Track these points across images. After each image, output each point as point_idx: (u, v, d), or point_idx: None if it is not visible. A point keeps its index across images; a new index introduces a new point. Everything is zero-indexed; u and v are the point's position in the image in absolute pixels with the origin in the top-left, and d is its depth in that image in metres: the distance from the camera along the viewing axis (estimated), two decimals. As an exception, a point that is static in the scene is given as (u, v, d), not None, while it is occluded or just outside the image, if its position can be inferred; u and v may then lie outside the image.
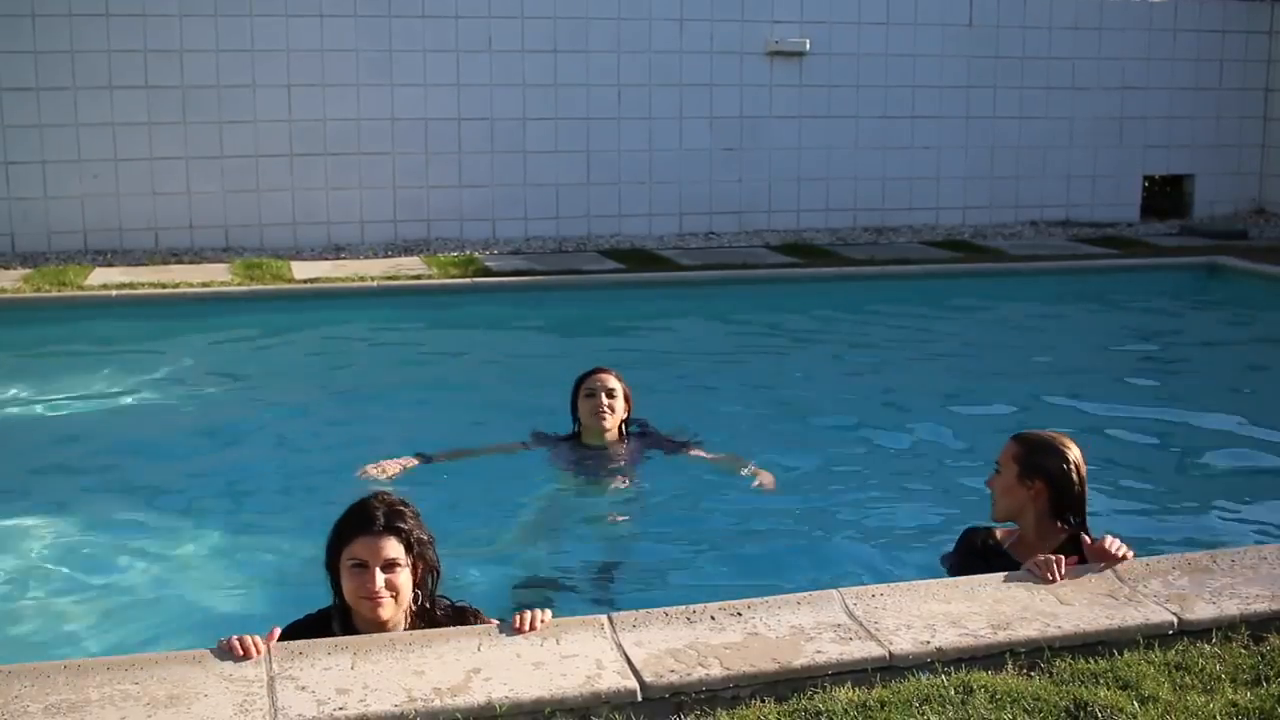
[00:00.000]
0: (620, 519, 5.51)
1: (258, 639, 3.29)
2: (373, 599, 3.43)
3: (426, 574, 3.55)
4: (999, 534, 4.37)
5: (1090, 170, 14.12)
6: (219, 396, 7.77)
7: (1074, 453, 4.17)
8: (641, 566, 5.03)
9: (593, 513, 5.52)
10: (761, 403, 7.48)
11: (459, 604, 3.66)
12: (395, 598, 3.46)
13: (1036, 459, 4.15)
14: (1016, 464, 4.17)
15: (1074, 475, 4.14)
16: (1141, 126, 14.20)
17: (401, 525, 3.47)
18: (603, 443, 5.71)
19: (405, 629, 3.51)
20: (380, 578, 3.43)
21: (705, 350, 9.20)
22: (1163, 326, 10.26)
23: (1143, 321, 10.40)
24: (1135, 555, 3.96)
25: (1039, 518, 4.18)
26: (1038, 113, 13.81)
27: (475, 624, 3.55)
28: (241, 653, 3.25)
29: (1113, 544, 3.95)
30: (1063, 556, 3.90)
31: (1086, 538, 4.10)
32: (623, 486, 5.66)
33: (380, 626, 3.48)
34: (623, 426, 5.77)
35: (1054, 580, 3.80)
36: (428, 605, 3.58)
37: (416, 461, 5.70)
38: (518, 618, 3.45)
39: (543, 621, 3.44)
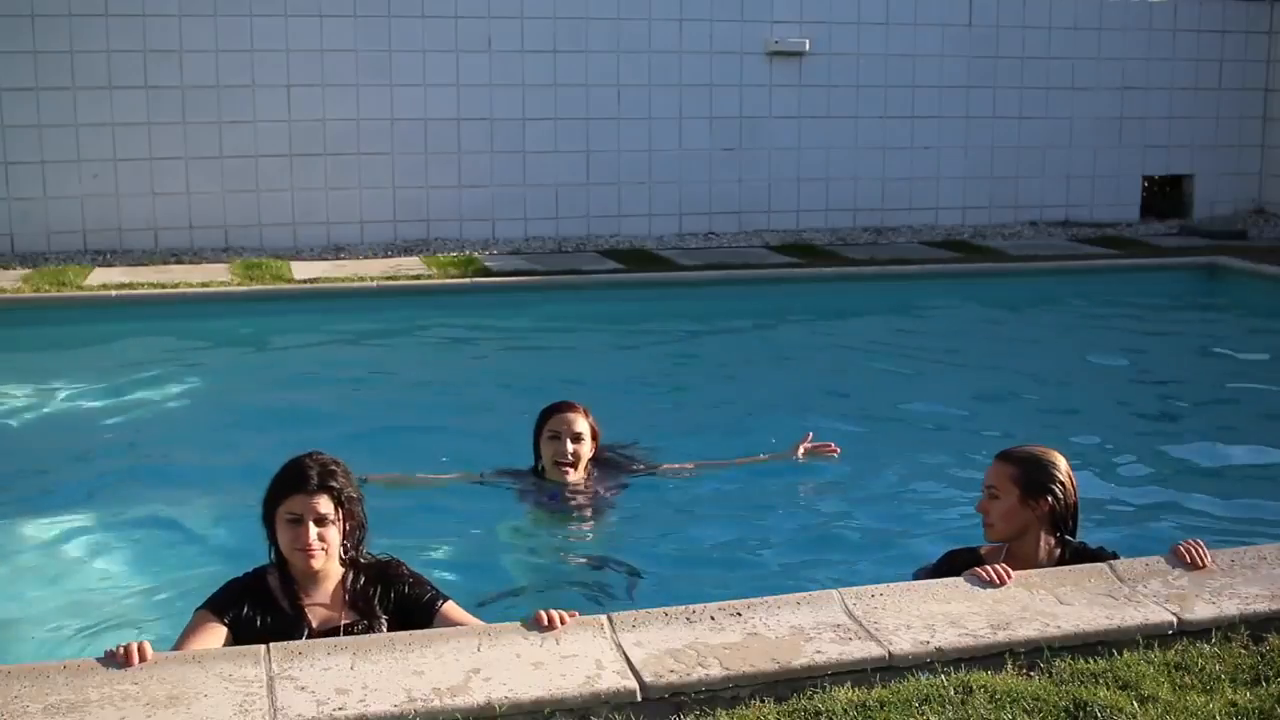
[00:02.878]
0: (602, 538, 5.27)
1: (144, 645, 3.30)
2: (306, 551, 3.66)
3: (355, 529, 3.78)
4: (984, 551, 4.31)
5: (1090, 170, 14.11)
6: (218, 397, 7.77)
7: (1064, 464, 4.20)
8: (638, 570, 4.99)
9: (572, 536, 5.30)
10: (759, 403, 7.48)
11: (381, 557, 3.87)
12: (326, 550, 3.69)
13: (1037, 477, 4.12)
14: (1017, 486, 4.11)
15: (1070, 487, 4.16)
16: (1141, 126, 14.19)
17: (333, 484, 3.70)
18: (565, 481, 5.36)
19: (338, 580, 3.75)
20: (313, 531, 3.65)
21: (704, 350, 9.20)
22: (1162, 327, 10.26)
23: (1142, 322, 10.40)
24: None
25: (1041, 535, 4.15)
26: (1037, 113, 13.80)
27: (394, 574, 3.78)
28: (124, 659, 3.24)
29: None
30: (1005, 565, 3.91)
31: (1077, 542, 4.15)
32: (598, 507, 5.39)
33: (313, 576, 3.71)
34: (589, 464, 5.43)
35: (1002, 583, 3.79)
36: (358, 558, 3.80)
37: None
38: (541, 616, 3.48)
39: (565, 620, 3.48)
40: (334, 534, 3.69)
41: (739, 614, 3.56)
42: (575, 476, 5.34)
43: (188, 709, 3.03)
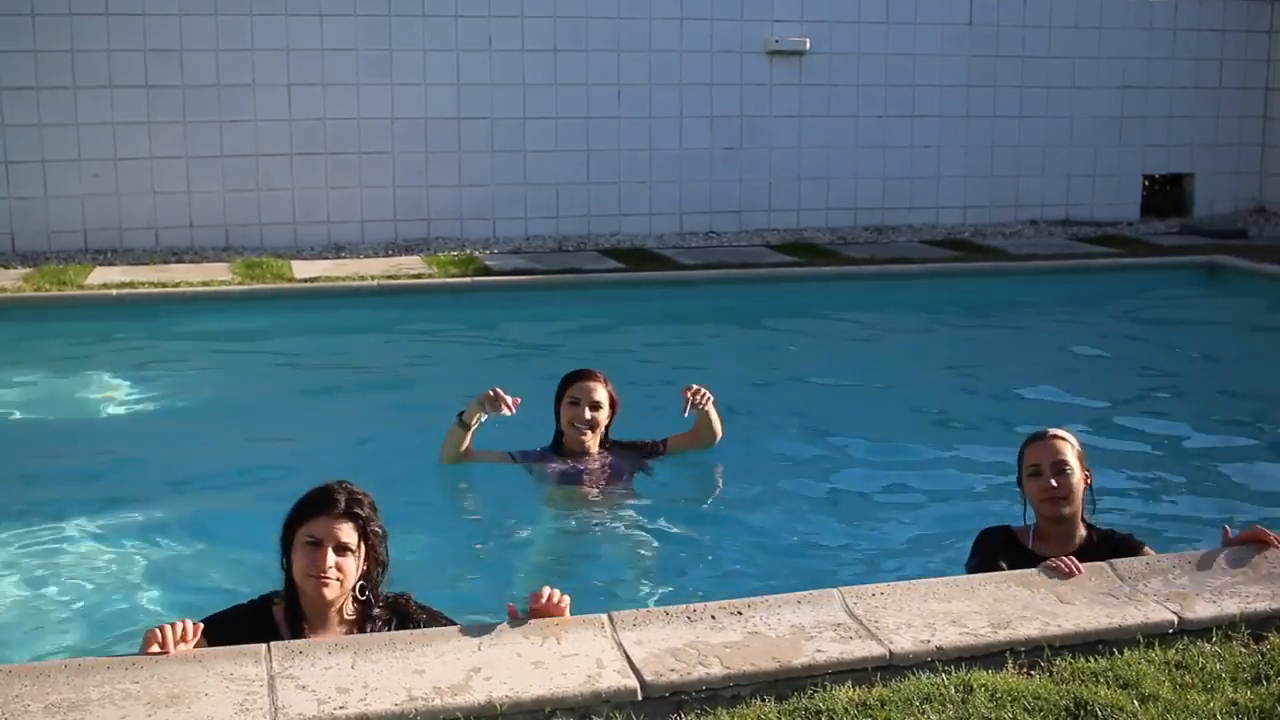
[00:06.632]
0: (616, 527, 5.33)
1: (188, 624, 3.30)
2: (319, 577, 3.49)
3: (374, 566, 3.61)
4: (1015, 530, 4.30)
5: (1090, 169, 14.11)
6: (218, 396, 7.77)
7: None
8: (641, 568, 5.00)
9: (588, 524, 5.34)
10: (760, 402, 7.48)
11: (393, 595, 3.71)
12: (341, 582, 3.53)
13: (1080, 451, 4.23)
14: (1079, 460, 4.21)
15: None
16: (1141, 125, 14.19)
17: (359, 512, 3.55)
18: (584, 449, 5.54)
19: (348, 616, 3.59)
20: (331, 558, 3.50)
21: (704, 349, 9.20)
22: (1162, 326, 10.26)
23: (1142, 321, 10.40)
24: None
25: (1083, 505, 4.26)
26: (1038, 112, 13.80)
27: (406, 611, 3.64)
28: (160, 643, 3.24)
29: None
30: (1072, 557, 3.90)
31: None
32: (613, 494, 5.47)
33: (323, 608, 3.54)
34: (605, 432, 5.59)
35: (1076, 574, 3.79)
36: (371, 599, 3.62)
37: None
38: (535, 596, 3.49)
39: (558, 602, 3.48)
40: (352, 565, 3.52)
41: (740, 613, 3.56)
42: (592, 442, 5.49)
43: (188, 708, 3.03)
